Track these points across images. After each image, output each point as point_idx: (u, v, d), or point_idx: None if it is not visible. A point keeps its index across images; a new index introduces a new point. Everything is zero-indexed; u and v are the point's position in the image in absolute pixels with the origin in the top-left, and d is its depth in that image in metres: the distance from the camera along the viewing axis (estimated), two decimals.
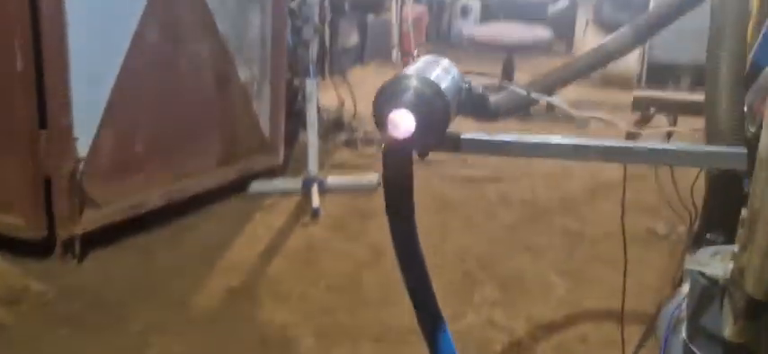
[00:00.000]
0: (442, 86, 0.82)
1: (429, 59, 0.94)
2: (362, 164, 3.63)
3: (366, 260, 2.59)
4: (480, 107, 1.18)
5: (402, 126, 0.78)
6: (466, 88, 0.94)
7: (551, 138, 0.89)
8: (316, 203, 2.95)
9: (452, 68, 0.94)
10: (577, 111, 2.82)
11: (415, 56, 6.63)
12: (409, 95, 0.80)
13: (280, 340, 2.13)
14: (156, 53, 2.56)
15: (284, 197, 3.11)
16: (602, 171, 3.69)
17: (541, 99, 1.35)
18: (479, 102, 1.16)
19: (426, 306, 0.99)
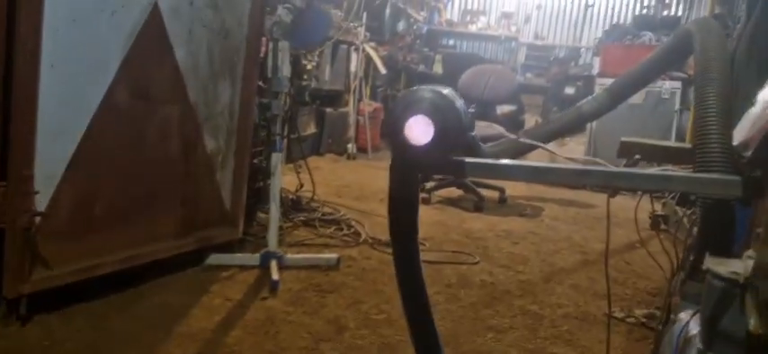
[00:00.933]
0: (455, 102, 0.85)
1: (435, 87, 0.98)
2: (320, 244, 3.63)
3: (326, 334, 2.54)
4: (472, 151, 1.21)
5: (421, 131, 0.80)
6: (471, 112, 0.97)
7: (555, 164, 0.92)
8: (275, 276, 2.91)
9: (456, 94, 0.98)
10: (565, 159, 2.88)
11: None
12: (427, 104, 0.83)
13: None
14: (125, 114, 2.53)
15: (242, 270, 3.05)
16: (555, 256, 3.78)
17: (535, 145, 1.39)
18: (471, 145, 1.19)
19: (425, 334, 0.98)
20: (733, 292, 0.84)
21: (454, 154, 0.83)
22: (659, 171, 0.84)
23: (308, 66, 5.60)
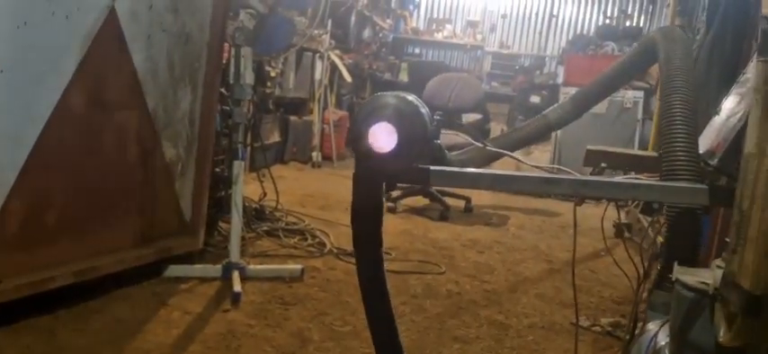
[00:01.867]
0: (420, 109, 0.81)
1: (399, 93, 0.94)
2: (284, 254, 3.56)
3: (289, 348, 2.48)
4: (437, 159, 1.18)
5: (385, 138, 0.76)
6: (437, 120, 0.94)
7: (522, 173, 0.89)
8: (237, 288, 2.83)
9: (421, 101, 0.94)
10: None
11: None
12: (390, 110, 0.79)
13: None
14: (80, 121, 2.44)
15: (202, 282, 2.97)
16: (521, 266, 3.77)
17: (501, 153, 1.37)
18: (436, 153, 1.16)
19: (389, 346, 0.94)
20: (702, 302, 0.82)
21: (419, 162, 0.79)
22: (626, 179, 0.81)
23: (272, 74, 5.54)
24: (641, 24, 9.20)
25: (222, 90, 3.23)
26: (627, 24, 9.03)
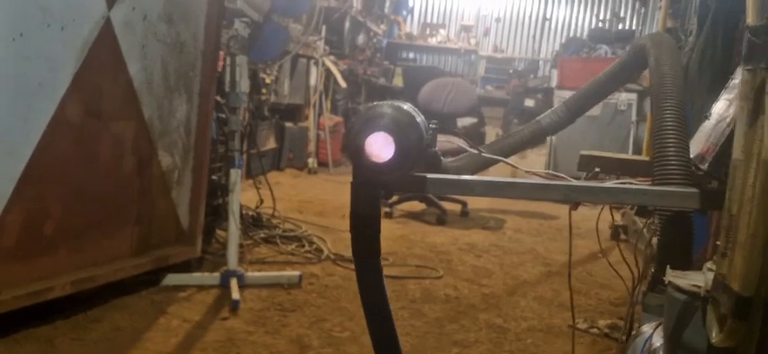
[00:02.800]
0: (416, 118, 0.83)
1: (394, 102, 0.96)
2: (282, 261, 3.56)
3: None
4: (433, 166, 1.19)
5: (381, 149, 0.78)
6: (433, 128, 0.96)
7: (516, 180, 0.90)
8: (236, 296, 2.84)
9: (417, 110, 0.96)
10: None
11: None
12: (387, 120, 0.80)
13: None
14: (77, 131, 2.45)
15: (200, 290, 2.97)
16: (519, 269, 3.79)
17: (496, 159, 1.38)
18: (432, 161, 1.17)
19: (389, 352, 0.95)
20: (694, 305, 0.84)
21: (416, 169, 0.81)
22: (619, 184, 0.83)
23: (268, 80, 5.55)
24: (634, 27, 9.25)
25: (218, 98, 3.24)
26: (619, 27, 9.08)
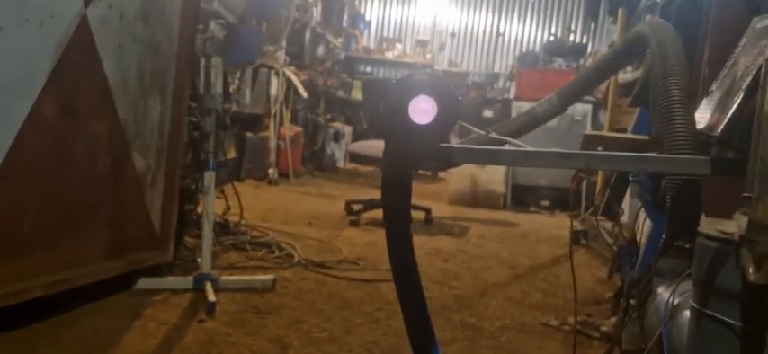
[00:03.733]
0: (451, 86, 0.87)
1: (428, 71, 1.00)
2: (253, 266, 3.55)
3: (271, 353, 2.48)
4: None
5: (426, 110, 0.81)
6: (459, 99, 1.00)
7: (541, 149, 0.95)
8: (212, 298, 2.81)
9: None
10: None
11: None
12: (429, 85, 0.84)
13: None
14: (53, 131, 2.40)
15: (174, 294, 2.93)
16: (486, 272, 3.86)
17: (504, 140, 1.43)
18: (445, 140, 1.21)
19: (420, 324, 0.98)
20: (727, 250, 0.90)
21: (454, 124, 0.85)
22: (638, 154, 0.89)
23: (230, 89, 5.52)
24: (585, 41, 9.56)
25: (191, 102, 3.21)
26: (571, 40, 9.38)
